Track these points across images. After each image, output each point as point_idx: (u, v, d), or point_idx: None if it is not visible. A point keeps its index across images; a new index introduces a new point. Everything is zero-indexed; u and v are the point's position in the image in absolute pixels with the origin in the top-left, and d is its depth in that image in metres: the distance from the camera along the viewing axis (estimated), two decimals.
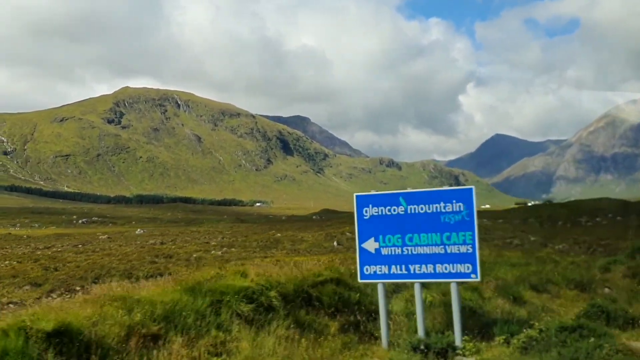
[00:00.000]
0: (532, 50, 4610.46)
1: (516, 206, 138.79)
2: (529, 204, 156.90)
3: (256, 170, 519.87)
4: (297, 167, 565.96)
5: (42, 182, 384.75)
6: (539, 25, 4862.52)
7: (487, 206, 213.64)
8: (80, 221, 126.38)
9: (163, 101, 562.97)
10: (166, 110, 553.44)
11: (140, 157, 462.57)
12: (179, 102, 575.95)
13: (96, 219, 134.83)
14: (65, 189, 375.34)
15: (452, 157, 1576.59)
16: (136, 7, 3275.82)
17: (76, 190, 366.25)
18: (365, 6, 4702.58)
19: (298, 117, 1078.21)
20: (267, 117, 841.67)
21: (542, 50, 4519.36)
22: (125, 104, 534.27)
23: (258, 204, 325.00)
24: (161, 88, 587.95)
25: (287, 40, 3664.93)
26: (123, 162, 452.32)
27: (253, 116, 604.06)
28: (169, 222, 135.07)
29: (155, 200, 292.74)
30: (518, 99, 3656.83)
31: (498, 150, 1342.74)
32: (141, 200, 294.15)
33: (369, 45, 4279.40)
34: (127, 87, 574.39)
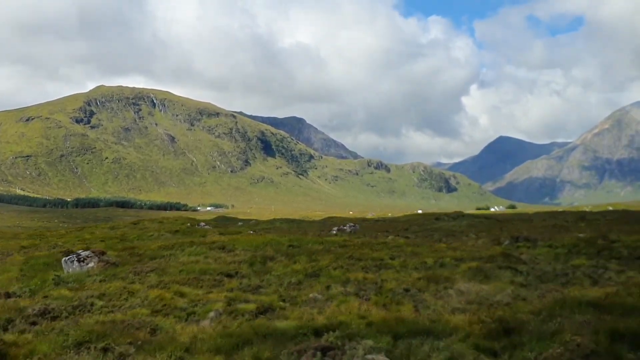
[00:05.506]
0: (536, 49, 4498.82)
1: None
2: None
3: (231, 171, 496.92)
4: (278, 168, 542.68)
5: None
6: (541, 23, 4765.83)
7: None
8: None
9: (138, 100, 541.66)
10: (140, 110, 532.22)
11: (106, 157, 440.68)
12: (155, 101, 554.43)
13: None
14: (18, 191, 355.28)
15: (458, 160, 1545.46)
16: (126, 4, 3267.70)
17: (28, 194, 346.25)
18: (359, 2, 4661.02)
19: (294, 118, 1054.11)
20: (261, 118, 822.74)
21: (545, 49, 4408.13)
22: (97, 103, 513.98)
23: (209, 208, 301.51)
24: (137, 87, 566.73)
25: (280, 37, 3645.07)
26: (87, 163, 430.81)
27: (234, 116, 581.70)
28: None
29: (91, 204, 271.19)
30: (522, 99, 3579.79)
31: (502, 153, 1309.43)
32: (77, 204, 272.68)
33: (366, 44, 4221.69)
34: (102, 85, 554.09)
